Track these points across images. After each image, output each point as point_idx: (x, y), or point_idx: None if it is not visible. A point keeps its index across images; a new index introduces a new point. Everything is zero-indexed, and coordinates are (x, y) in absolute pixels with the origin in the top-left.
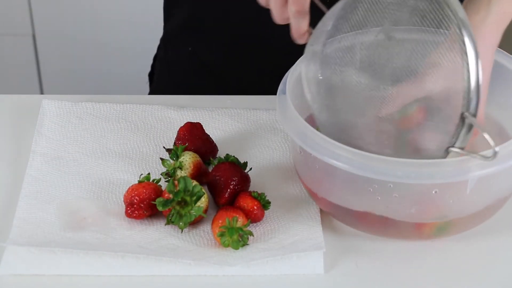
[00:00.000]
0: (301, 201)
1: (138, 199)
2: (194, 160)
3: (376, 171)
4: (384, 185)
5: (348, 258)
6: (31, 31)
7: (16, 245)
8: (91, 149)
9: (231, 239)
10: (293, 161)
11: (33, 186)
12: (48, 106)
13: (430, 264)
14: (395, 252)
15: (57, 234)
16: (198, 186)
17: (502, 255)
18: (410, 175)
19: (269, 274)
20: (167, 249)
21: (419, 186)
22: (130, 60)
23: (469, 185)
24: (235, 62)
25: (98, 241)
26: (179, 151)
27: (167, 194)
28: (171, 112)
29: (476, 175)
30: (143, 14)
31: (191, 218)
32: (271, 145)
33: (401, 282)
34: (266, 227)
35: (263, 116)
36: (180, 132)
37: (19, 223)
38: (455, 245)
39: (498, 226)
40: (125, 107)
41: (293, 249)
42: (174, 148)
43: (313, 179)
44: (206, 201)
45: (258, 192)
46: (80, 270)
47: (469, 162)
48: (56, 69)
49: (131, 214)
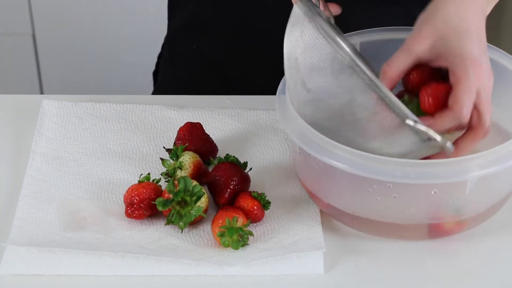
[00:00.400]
0: (301, 201)
1: (138, 199)
2: (194, 160)
3: (375, 171)
4: (383, 185)
5: (348, 258)
6: (31, 31)
7: (16, 245)
8: (91, 149)
9: (231, 239)
10: (292, 161)
11: (33, 186)
12: (48, 106)
13: (430, 264)
14: (395, 252)
15: (57, 234)
16: (198, 186)
17: (502, 255)
18: (409, 175)
19: (269, 274)
20: (167, 249)
21: (418, 186)
22: (130, 60)
23: (468, 186)
24: (239, 60)
25: (98, 241)
26: (179, 151)
27: (167, 194)
28: (171, 112)
29: (475, 175)
30: (143, 14)
31: (191, 218)
32: (271, 145)
33: (401, 282)
34: (266, 227)
35: (263, 116)
36: (180, 132)
37: (19, 223)
38: (455, 245)
39: (498, 226)
40: (125, 107)
41: (293, 249)
42: (174, 148)
43: (313, 179)
44: (206, 201)
45: (258, 192)
46: (80, 270)
47: (468, 163)
48: (56, 69)
49: (131, 214)
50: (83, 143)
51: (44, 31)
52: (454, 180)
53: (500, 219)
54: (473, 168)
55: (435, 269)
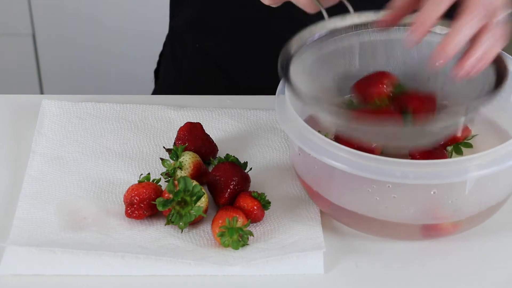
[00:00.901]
0: (301, 201)
1: (138, 199)
2: (194, 160)
3: (375, 171)
4: (383, 185)
5: (348, 258)
6: (31, 31)
7: (16, 246)
8: (91, 149)
9: (231, 239)
10: (291, 161)
11: (33, 186)
12: (48, 106)
13: (430, 264)
14: (395, 252)
15: (57, 234)
16: (198, 186)
17: (503, 255)
18: (408, 175)
19: (269, 274)
20: (167, 249)
21: (418, 186)
22: (130, 60)
23: (467, 186)
24: (242, 59)
25: (98, 241)
26: (179, 151)
27: (167, 194)
28: (171, 112)
29: (475, 175)
30: (143, 14)
31: (191, 218)
32: (271, 145)
33: (401, 282)
34: (266, 227)
35: (263, 116)
36: (180, 132)
37: (19, 223)
38: (455, 246)
39: (498, 226)
40: (125, 107)
41: (293, 249)
42: (174, 148)
43: (312, 179)
44: (206, 201)
45: (258, 192)
46: (80, 270)
47: (468, 163)
48: (56, 69)
49: (131, 214)
50: (83, 143)
51: (44, 31)
52: (453, 180)
53: (501, 218)
54: (472, 169)
55: (435, 269)
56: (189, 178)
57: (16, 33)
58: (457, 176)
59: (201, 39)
